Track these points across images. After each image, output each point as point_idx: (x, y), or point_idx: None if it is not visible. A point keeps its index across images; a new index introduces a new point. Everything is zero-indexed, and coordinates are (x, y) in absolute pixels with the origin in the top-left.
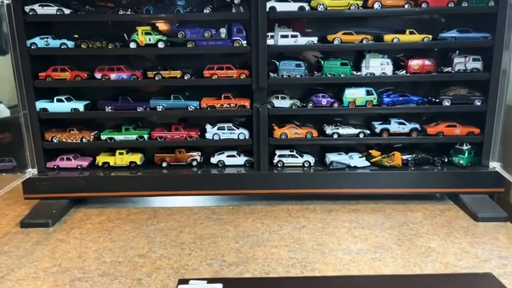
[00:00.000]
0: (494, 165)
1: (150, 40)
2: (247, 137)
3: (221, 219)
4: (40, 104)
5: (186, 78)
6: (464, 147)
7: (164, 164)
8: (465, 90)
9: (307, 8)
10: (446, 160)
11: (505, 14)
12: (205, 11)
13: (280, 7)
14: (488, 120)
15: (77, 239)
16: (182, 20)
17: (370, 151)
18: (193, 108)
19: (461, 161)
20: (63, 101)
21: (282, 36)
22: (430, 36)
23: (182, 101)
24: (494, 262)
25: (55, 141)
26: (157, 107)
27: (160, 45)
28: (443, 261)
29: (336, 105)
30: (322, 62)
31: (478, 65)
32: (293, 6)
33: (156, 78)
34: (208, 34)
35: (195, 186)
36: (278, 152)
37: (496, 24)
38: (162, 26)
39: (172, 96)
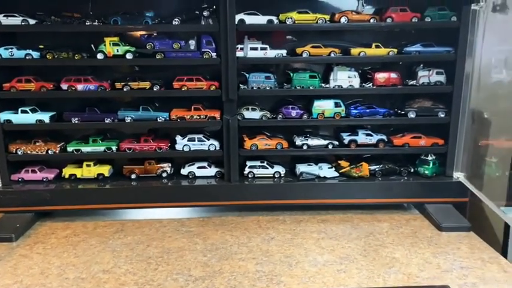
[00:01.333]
0: (458, 176)
1: (118, 51)
2: (217, 148)
3: (190, 232)
4: (4, 116)
5: (155, 89)
6: (429, 158)
7: (133, 176)
8: (429, 103)
9: (275, 21)
10: (412, 170)
11: (466, 29)
12: (174, 22)
13: (249, 20)
14: (452, 132)
15: (40, 254)
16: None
17: (339, 162)
18: (163, 119)
19: (426, 172)
20: (28, 112)
21: (252, 49)
22: (395, 50)
23: (151, 112)
24: (456, 273)
25: (19, 153)
26: (126, 118)
27: (129, 56)
28: (406, 272)
29: (305, 116)
30: (292, 74)
31: (442, 78)
32: (262, 19)
33: (125, 90)
34: (178, 45)
35: (165, 198)
36: (249, 163)
37: (458, 39)
38: (130, 37)
39: (141, 107)
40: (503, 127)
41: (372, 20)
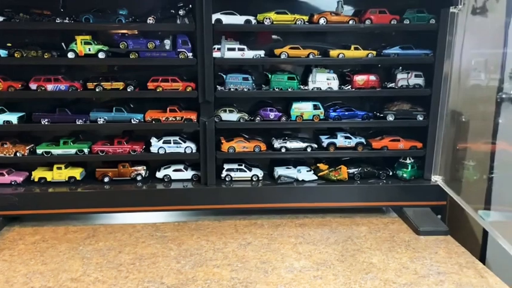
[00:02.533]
0: (436, 179)
1: (89, 50)
2: (194, 151)
3: (165, 237)
4: None
5: (129, 90)
6: (408, 161)
7: (106, 179)
8: (408, 106)
9: (253, 21)
10: (391, 174)
11: (445, 32)
12: (148, 21)
13: (226, 20)
14: (430, 135)
15: (6, 261)
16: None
17: (318, 164)
18: (137, 121)
19: (404, 175)
20: None
21: (229, 49)
22: (374, 52)
23: (125, 114)
24: (433, 278)
25: None
26: (98, 119)
27: (101, 55)
28: (383, 277)
29: (283, 119)
30: (270, 76)
31: (420, 81)
32: (239, 19)
33: (97, 90)
34: (152, 45)
35: (139, 202)
36: (226, 166)
37: (437, 42)
38: (103, 35)
39: (114, 108)
40: (481, 130)
41: (351, 22)
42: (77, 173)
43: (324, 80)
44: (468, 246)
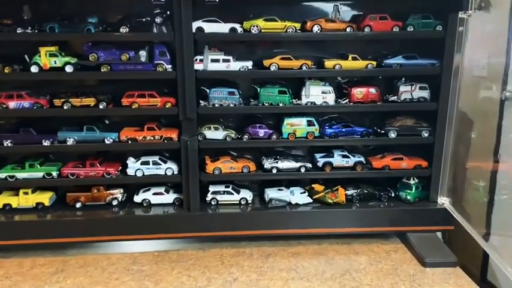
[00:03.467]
0: (443, 201)
1: (55, 63)
2: (175, 173)
3: (142, 272)
4: None
5: (101, 107)
6: (412, 182)
7: (78, 205)
8: (412, 121)
9: (239, 29)
10: (393, 195)
11: (453, 40)
12: (122, 30)
13: (209, 28)
14: (436, 153)
15: None
16: (95, 40)
17: (313, 185)
18: (111, 140)
19: (408, 197)
20: None
21: (212, 61)
22: (374, 63)
23: (97, 133)
24: None
25: None
26: (68, 140)
27: (68, 69)
28: None
29: (274, 137)
30: (259, 90)
31: (425, 93)
32: (223, 28)
33: (65, 107)
34: (126, 57)
35: (115, 230)
36: (212, 188)
37: (444, 51)
38: (71, 46)
39: (85, 127)
40: (492, 148)
41: (348, 29)
42: (46, 198)
43: (318, 94)
44: (480, 276)
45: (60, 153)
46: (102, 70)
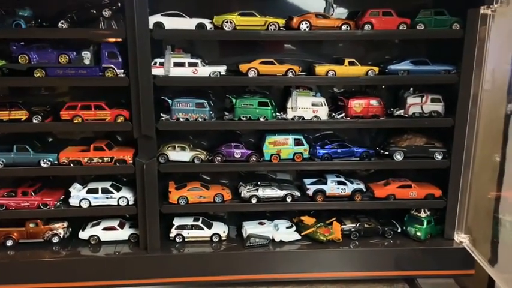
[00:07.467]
0: (462, 239)
1: None
2: (130, 203)
3: None
4: None
5: (35, 121)
6: (423, 215)
7: (9, 243)
8: (422, 140)
9: (209, 26)
10: (399, 230)
11: (474, 40)
12: (60, 25)
13: (170, 24)
14: (453, 179)
15: None
16: (27, 39)
17: (303, 217)
18: (49, 163)
19: (418, 233)
20: None
21: (176, 65)
22: (376, 69)
23: (31, 155)
24: None
25: None
26: None
27: None
28: None
29: (253, 159)
30: (234, 101)
31: (439, 107)
32: (189, 23)
33: None
34: (65, 59)
35: (53, 276)
36: (177, 222)
37: (463, 54)
38: None
39: (15, 147)
40: None
41: (344, 27)
42: None
43: (308, 107)
44: None
45: None
46: (35, 75)
